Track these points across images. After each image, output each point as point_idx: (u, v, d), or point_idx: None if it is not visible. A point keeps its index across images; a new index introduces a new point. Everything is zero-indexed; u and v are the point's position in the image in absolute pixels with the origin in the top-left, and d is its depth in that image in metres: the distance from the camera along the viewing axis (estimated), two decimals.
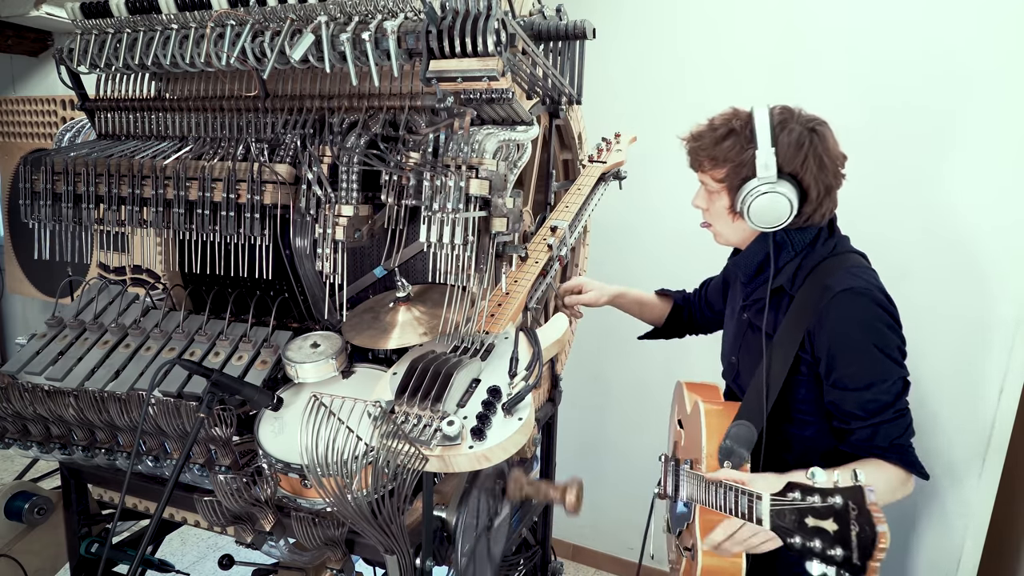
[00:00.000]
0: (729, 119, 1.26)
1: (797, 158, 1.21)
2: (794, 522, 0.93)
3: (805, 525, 0.91)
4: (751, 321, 1.38)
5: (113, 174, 1.30)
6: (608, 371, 2.69)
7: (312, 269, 1.32)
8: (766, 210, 1.22)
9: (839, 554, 0.87)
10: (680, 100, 2.35)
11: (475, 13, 1.10)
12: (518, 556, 1.77)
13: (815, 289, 1.24)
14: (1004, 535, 2.14)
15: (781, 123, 1.22)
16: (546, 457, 1.80)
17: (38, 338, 1.47)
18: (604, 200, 1.75)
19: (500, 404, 1.10)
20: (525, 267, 1.45)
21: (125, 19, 1.35)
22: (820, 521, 0.90)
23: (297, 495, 1.19)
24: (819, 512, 0.90)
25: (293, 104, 1.33)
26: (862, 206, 2.13)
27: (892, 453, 1.20)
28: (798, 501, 0.93)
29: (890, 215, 2.09)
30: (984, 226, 1.96)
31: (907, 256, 2.08)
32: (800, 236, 1.29)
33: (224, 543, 2.84)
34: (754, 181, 1.21)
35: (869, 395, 1.20)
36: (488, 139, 1.15)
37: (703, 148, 1.27)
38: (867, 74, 2.06)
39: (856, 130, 2.13)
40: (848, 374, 1.21)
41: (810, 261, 1.28)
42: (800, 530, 0.92)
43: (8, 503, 1.72)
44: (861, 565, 0.85)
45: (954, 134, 1.97)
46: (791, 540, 0.93)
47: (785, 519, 0.95)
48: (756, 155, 1.20)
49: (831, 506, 0.89)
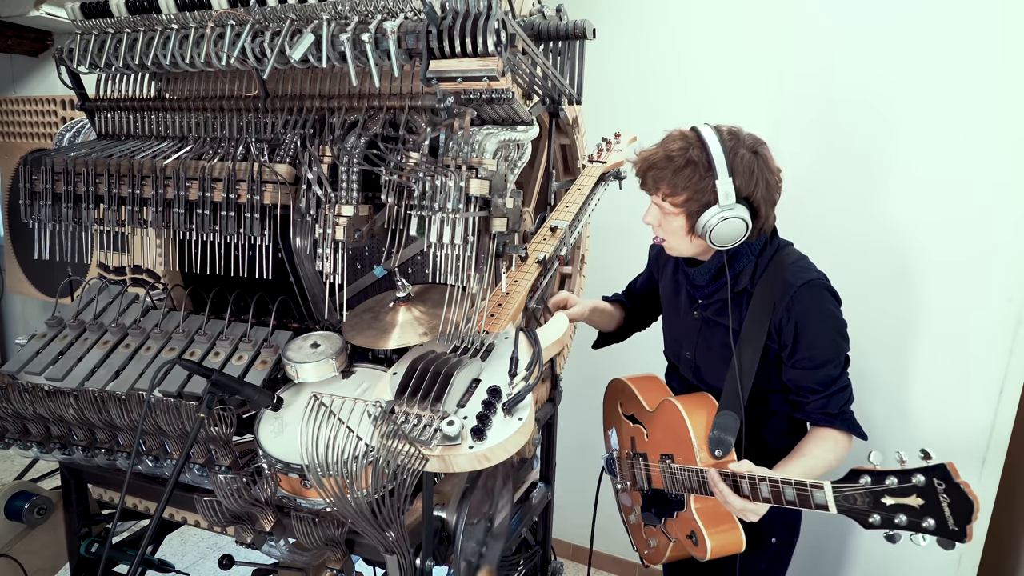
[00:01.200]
0: (685, 149, 1.33)
1: (750, 184, 1.32)
2: (869, 503, 1.07)
3: (883, 504, 1.05)
4: (711, 319, 1.50)
5: (113, 174, 1.30)
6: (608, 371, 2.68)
7: (312, 269, 1.33)
8: (727, 233, 1.33)
9: (931, 524, 1.01)
10: (680, 100, 2.35)
11: (475, 13, 1.10)
12: (518, 556, 1.77)
13: (773, 285, 1.39)
14: (1004, 535, 2.14)
15: (732, 151, 1.32)
16: (546, 457, 1.80)
17: (38, 338, 1.47)
18: (604, 200, 1.75)
19: (500, 404, 1.10)
20: (525, 267, 1.45)
21: (125, 19, 1.35)
22: (901, 499, 1.03)
23: (297, 495, 1.19)
24: (897, 492, 1.04)
25: (293, 104, 1.33)
26: (863, 202, 2.13)
27: (839, 420, 1.39)
28: (870, 485, 1.07)
29: (890, 215, 2.09)
30: (984, 226, 1.96)
31: (907, 256, 2.08)
32: (755, 244, 1.43)
33: (224, 543, 2.84)
34: (715, 208, 1.32)
35: (824, 372, 1.37)
36: (488, 139, 1.15)
37: (662, 177, 1.35)
38: (867, 74, 2.06)
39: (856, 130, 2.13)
40: (809, 355, 1.37)
41: (763, 260, 1.43)
42: (878, 509, 1.06)
43: (8, 503, 1.72)
44: (960, 529, 0.98)
45: (953, 134, 1.97)
46: (871, 519, 1.07)
47: (856, 502, 1.09)
48: (717, 185, 1.30)
49: (913, 485, 1.03)
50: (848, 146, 2.11)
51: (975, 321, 2.00)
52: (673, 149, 1.35)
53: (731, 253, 1.43)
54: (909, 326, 2.10)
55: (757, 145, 1.36)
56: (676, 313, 1.62)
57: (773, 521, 1.40)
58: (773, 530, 1.51)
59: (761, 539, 1.51)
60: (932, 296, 2.06)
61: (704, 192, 1.32)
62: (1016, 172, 1.91)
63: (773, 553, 1.55)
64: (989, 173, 1.94)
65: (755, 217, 1.35)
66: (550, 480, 1.82)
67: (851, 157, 2.12)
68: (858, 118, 2.09)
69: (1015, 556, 2.13)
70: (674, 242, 1.45)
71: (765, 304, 1.39)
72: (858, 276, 2.03)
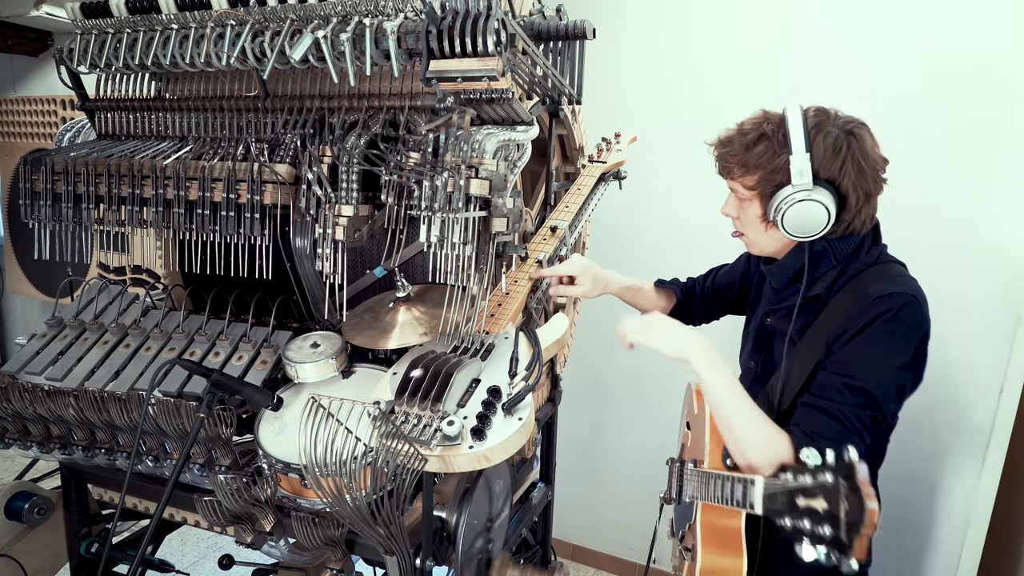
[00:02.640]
0: (760, 123, 1.18)
1: (835, 163, 1.13)
2: (785, 503, 0.91)
3: (796, 506, 0.90)
4: (774, 327, 1.32)
5: (113, 174, 1.30)
6: (608, 372, 2.69)
7: (312, 269, 1.32)
8: (802, 219, 1.14)
9: (828, 533, 0.86)
10: (681, 100, 2.35)
11: (475, 13, 1.10)
12: (518, 556, 1.77)
13: (853, 296, 1.16)
14: (1004, 535, 2.14)
15: (816, 126, 1.15)
16: (546, 457, 1.80)
17: (38, 338, 1.47)
18: (604, 200, 1.75)
19: (500, 404, 1.10)
20: (525, 267, 1.45)
21: (125, 19, 1.35)
22: (810, 500, 0.89)
23: (297, 495, 1.19)
24: (809, 491, 0.89)
25: (293, 104, 1.33)
26: None
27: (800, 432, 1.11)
28: (789, 482, 0.92)
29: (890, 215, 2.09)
30: (984, 225, 1.96)
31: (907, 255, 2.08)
32: (842, 245, 1.21)
33: (224, 543, 2.84)
34: (788, 188, 1.14)
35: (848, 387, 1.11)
36: (488, 139, 1.15)
37: (733, 154, 1.20)
38: (866, 74, 2.06)
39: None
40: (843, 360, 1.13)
41: (851, 270, 1.21)
42: (790, 511, 0.90)
43: (8, 503, 1.72)
44: (848, 542, 0.84)
45: (952, 134, 1.97)
46: (781, 522, 0.91)
47: (776, 501, 0.93)
48: (790, 161, 1.13)
49: (822, 484, 0.88)
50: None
51: (974, 321, 2.00)
52: (747, 123, 1.20)
53: (813, 253, 1.21)
54: None
55: (853, 125, 1.17)
56: (753, 318, 1.44)
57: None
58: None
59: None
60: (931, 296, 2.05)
61: (778, 171, 1.15)
62: (1017, 171, 1.91)
63: None
64: (989, 172, 1.94)
65: (842, 208, 1.15)
66: (550, 480, 1.82)
67: None
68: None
69: (1015, 556, 2.13)
70: (752, 235, 1.27)
71: (836, 317, 1.17)
72: None
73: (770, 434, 1.12)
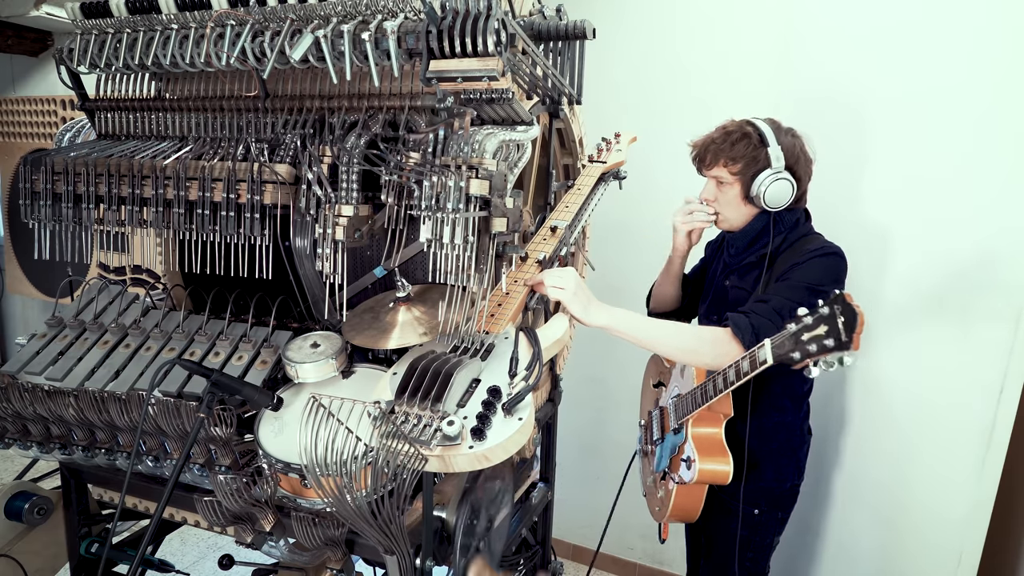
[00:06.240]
0: (740, 126, 1.60)
1: (793, 154, 1.57)
2: (792, 343, 1.25)
3: (802, 341, 1.23)
4: (736, 286, 1.68)
5: (113, 174, 1.30)
6: (608, 371, 2.69)
7: (312, 269, 1.32)
8: (778, 193, 1.55)
9: (831, 342, 1.18)
10: (680, 100, 2.36)
11: (475, 13, 1.10)
12: (518, 556, 1.77)
13: (794, 252, 1.57)
14: (1004, 535, 2.14)
15: (776, 129, 1.58)
16: (546, 457, 1.80)
17: (38, 338, 1.47)
18: (604, 200, 1.75)
19: (500, 404, 1.10)
20: (525, 267, 1.45)
21: (125, 19, 1.35)
22: (813, 331, 1.21)
23: (297, 495, 1.19)
24: (810, 326, 1.22)
25: (293, 104, 1.33)
26: (862, 201, 2.13)
27: (733, 320, 1.47)
28: (793, 328, 1.25)
29: (890, 214, 2.09)
30: (984, 226, 1.96)
31: (907, 255, 2.08)
32: (789, 216, 1.62)
33: (224, 543, 2.84)
34: (768, 171, 1.55)
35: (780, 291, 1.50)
36: (488, 139, 1.15)
37: (721, 150, 1.59)
38: (866, 74, 2.06)
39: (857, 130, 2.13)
40: (773, 288, 1.52)
41: (793, 236, 1.61)
42: (797, 346, 1.24)
43: (8, 503, 1.72)
44: (848, 339, 1.15)
45: (954, 132, 1.97)
46: (790, 358, 1.25)
47: (784, 347, 1.26)
48: (769, 152, 1.55)
49: (820, 315, 1.21)
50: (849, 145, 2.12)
51: (975, 321, 2.00)
52: (729, 127, 1.61)
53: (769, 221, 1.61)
54: (908, 325, 2.10)
55: (793, 132, 1.62)
56: (711, 287, 1.81)
57: (755, 494, 1.64)
58: (756, 503, 1.67)
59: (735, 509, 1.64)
60: (932, 296, 2.06)
61: (758, 160, 1.55)
62: (1016, 171, 1.91)
63: (755, 524, 1.69)
64: (989, 172, 1.94)
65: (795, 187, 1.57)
66: (550, 480, 1.82)
67: (852, 156, 2.12)
68: (859, 118, 2.09)
69: (1015, 556, 2.13)
70: (728, 212, 1.65)
71: (780, 267, 1.56)
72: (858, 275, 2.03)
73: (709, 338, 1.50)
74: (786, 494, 1.71)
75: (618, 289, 1.96)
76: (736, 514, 1.63)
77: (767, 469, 1.67)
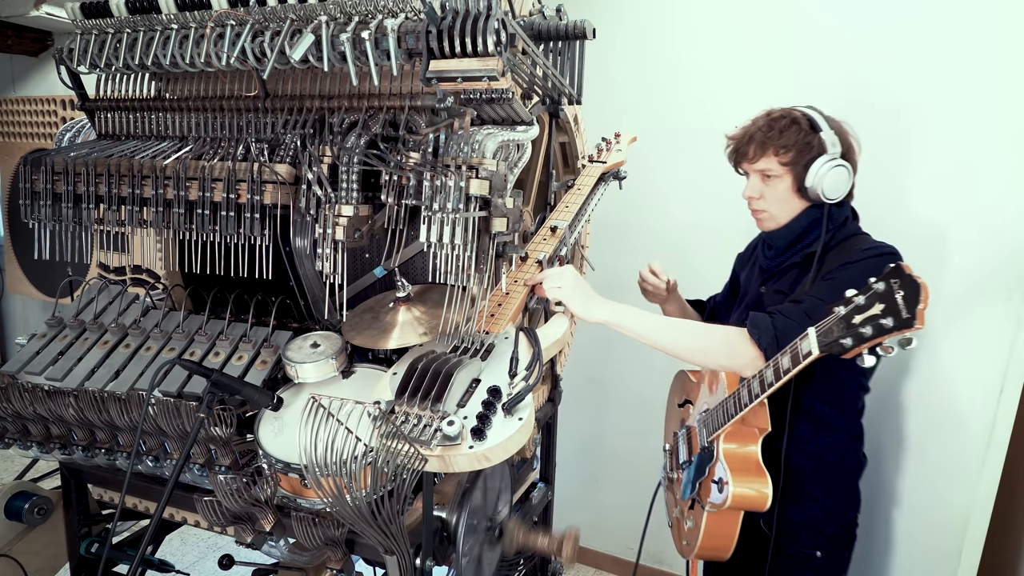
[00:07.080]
0: (787, 112, 1.43)
1: (846, 141, 1.41)
2: (843, 329, 1.09)
3: (853, 325, 1.07)
4: (775, 291, 1.50)
5: (113, 174, 1.30)
6: (608, 372, 2.69)
7: (312, 269, 1.32)
8: (838, 181, 1.38)
9: (889, 322, 1.02)
10: (680, 100, 2.35)
11: (475, 13, 1.10)
12: (518, 556, 1.76)
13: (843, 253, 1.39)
14: (1004, 535, 2.14)
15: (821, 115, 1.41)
16: (546, 457, 1.80)
17: (38, 338, 1.47)
18: (604, 200, 1.75)
19: (500, 404, 1.10)
20: (525, 267, 1.45)
21: (125, 19, 1.35)
22: (867, 312, 1.05)
23: (297, 495, 1.19)
24: (862, 307, 1.06)
25: (293, 104, 1.33)
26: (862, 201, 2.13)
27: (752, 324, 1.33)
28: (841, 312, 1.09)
29: (890, 213, 2.09)
30: (984, 225, 1.96)
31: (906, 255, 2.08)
32: (839, 212, 1.44)
33: (224, 543, 2.84)
34: (825, 157, 1.37)
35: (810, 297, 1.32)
36: (488, 139, 1.15)
37: (768, 139, 1.40)
38: (866, 74, 2.06)
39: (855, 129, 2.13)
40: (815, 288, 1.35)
41: (840, 235, 1.43)
42: (850, 331, 1.07)
43: (8, 503, 1.72)
44: (911, 315, 1.00)
45: (955, 133, 1.97)
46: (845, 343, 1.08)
47: (832, 334, 1.11)
48: (823, 137, 1.37)
49: (875, 292, 1.05)
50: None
51: (975, 321, 1.99)
52: (773, 114, 1.43)
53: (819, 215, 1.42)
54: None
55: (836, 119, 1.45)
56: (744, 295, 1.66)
57: (816, 535, 1.41)
58: (817, 543, 1.45)
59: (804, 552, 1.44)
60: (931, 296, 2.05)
61: (811, 147, 1.38)
62: (1016, 171, 1.91)
63: (818, 567, 1.47)
64: (989, 172, 1.94)
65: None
66: (550, 480, 1.82)
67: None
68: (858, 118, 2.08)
69: (1015, 556, 2.13)
70: (775, 208, 1.46)
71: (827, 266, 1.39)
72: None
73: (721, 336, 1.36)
74: (848, 528, 1.50)
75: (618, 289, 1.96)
76: (797, 560, 1.40)
77: (823, 498, 1.44)
